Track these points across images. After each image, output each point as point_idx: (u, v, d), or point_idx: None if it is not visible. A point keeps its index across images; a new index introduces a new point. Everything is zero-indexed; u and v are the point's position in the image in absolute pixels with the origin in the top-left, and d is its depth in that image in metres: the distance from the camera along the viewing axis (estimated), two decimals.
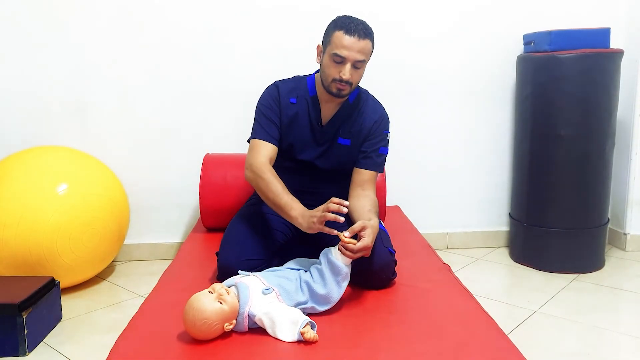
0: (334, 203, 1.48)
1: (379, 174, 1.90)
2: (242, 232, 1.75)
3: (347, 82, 1.67)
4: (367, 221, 1.54)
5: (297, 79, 1.88)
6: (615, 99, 2.52)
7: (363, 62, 1.68)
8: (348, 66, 1.65)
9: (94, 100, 2.64)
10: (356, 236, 1.50)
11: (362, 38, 1.64)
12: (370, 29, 1.69)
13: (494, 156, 2.90)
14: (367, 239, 1.48)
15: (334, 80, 1.68)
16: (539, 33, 2.52)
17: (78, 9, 2.55)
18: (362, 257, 1.51)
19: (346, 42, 1.63)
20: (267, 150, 1.75)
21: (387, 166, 1.92)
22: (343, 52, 1.63)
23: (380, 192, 2.20)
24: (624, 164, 2.82)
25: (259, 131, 1.79)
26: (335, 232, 1.49)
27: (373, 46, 1.71)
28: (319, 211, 1.55)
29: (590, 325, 2.00)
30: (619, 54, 2.47)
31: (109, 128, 2.66)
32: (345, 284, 1.48)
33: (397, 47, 2.74)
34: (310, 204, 1.88)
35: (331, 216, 1.49)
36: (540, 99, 2.51)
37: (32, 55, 2.57)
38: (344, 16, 1.69)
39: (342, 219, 1.52)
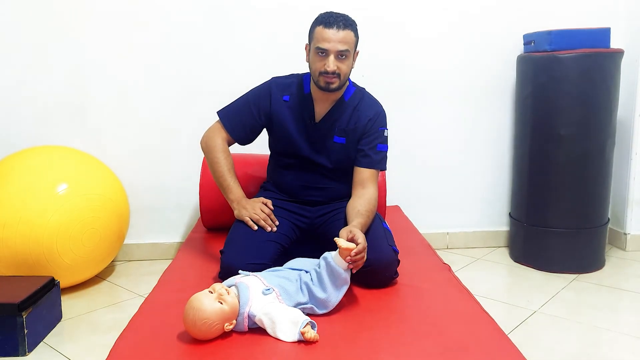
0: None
1: (382, 172, 1.90)
2: (249, 234, 1.76)
3: (334, 74, 1.70)
4: (352, 227, 1.56)
5: (294, 76, 1.92)
6: (615, 99, 2.51)
7: (347, 52, 1.71)
8: (331, 57, 1.69)
9: (94, 100, 2.63)
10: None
11: (342, 29, 1.68)
12: (352, 20, 1.73)
13: (494, 156, 2.90)
14: (360, 239, 1.49)
15: (320, 73, 1.72)
16: (539, 33, 2.52)
17: (78, 8, 2.55)
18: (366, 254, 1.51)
19: (326, 34, 1.68)
20: (226, 135, 1.90)
21: (388, 166, 1.92)
22: (324, 45, 1.68)
23: (380, 192, 2.19)
24: (624, 163, 2.82)
25: (231, 117, 1.90)
26: (335, 239, 1.49)
27: (357, 37, 1.75)
28: (254, 206, 1.79)
29: (590, 325, 2.00)
30: (619, 54, 2.47)
31: (109, 128, 2.66)
32: (344, 288, 1.48)
33: (397, 47, 2.74)
34: (316, 200, 1.90)
35: (256, 222, 1.77)
36: (540, 99, 2.51)
37: (32, 55, 2.56)
38: (325, 12, 1.74)
39: (272, 228, 1.76)
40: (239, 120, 1.88)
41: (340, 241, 1.45)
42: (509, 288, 2.44)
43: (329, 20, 1.69)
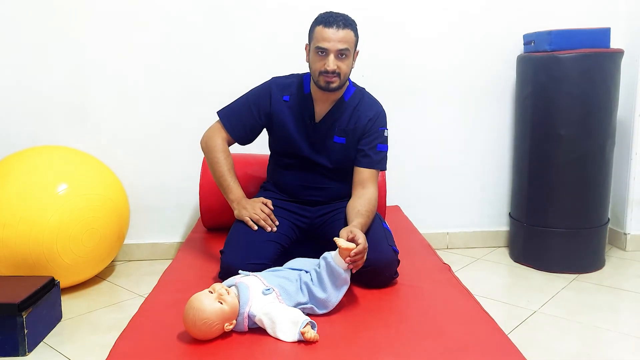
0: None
1: (382, 172, 1.90)
2: (249, 234, 1.76)
3: (334, 73, 1.71)
4: (352, 228, 1.55)
5: (294, 76, 1.92)
6: (615, 99, 2.52)
7: (347, 51, 1.71)
8: (331, 57, 1.69)
9: (94, 100, 2.63)
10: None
11: (342, 28, 1.69)
12: (352, 20, 1.74)
13: (494, 156, 2.90)
14: (360, 239, 1.49)
15: (320, 72, 1.72)
16: (539, 33, 2.52)
17: (78, 8, 2.55)
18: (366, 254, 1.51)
19: (326, 34, 1.68)
20: (227, 135, 1.90)
21: (387, 166, 1.92)
22: (324, 44, 1.69)
23: (380, 192, 2.19)
24: (624, 164, 2.82)
25: (231, 117, 1.89)
26: (335, 239, 1.48)
27: (357, 37, 1.75)
28: (254, 206, 1.79)
29: (590, 325, 2.00)
30: (619, 54, 2.47)
31: (109, 128, 2.66)
32: (344, 288, 1.48)
33: (397, 47, 2.74)
34: (316, 200, 1.91)
35: (256, 222, 1.76)
36: (540, 99, 2.51)
37: (33, 55, 2.56)
38: (325, 12, 1.74)
39: (272, 228, 1.76)
40: (239, 120, 1.89)
41: (340, 241, 1.45)
42: (509, 288, 2.44)
43: (328, 19, 1.69)
